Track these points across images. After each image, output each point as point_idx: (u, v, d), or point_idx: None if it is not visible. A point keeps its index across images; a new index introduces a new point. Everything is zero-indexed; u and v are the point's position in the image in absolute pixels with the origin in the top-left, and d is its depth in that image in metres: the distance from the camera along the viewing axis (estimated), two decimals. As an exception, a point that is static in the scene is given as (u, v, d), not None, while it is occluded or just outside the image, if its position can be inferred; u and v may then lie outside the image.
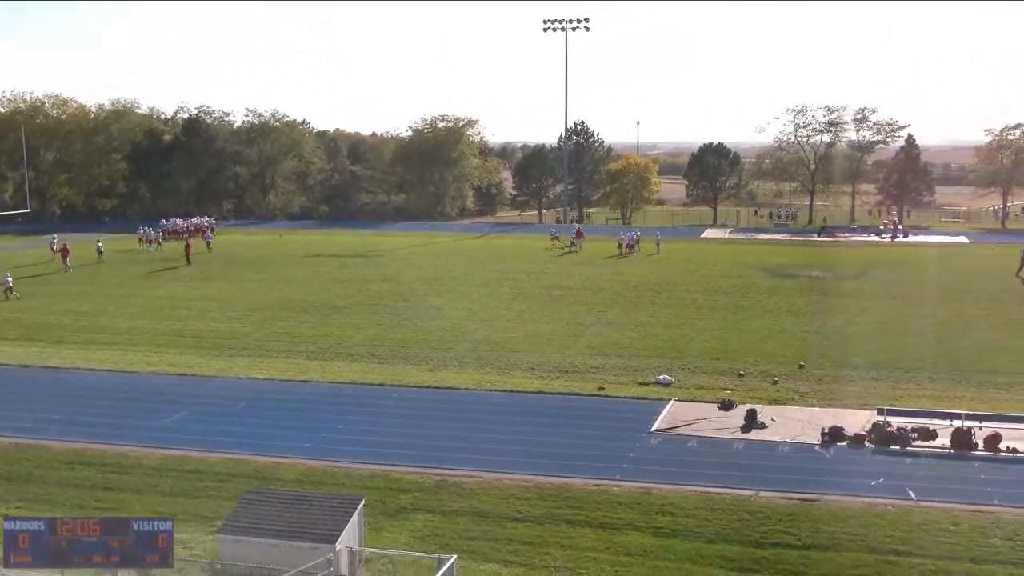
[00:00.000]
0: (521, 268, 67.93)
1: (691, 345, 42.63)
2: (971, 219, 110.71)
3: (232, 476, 26.67)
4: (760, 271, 65.22)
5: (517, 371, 38.30)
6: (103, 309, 52.72)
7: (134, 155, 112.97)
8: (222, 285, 61.02)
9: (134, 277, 65.20)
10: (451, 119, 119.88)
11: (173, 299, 55.67)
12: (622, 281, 61.16)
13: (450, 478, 26.27)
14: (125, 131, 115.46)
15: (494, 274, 64.82)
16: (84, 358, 40.97)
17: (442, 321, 48.22)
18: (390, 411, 32.87)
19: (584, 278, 62.69)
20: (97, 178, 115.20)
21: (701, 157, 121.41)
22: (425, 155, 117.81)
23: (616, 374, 37.54)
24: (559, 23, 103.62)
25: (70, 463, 27.99)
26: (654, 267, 67.70)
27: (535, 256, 75.71)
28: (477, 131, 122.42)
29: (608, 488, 25.46)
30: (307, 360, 40.65)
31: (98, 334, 46.40)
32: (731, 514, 23.74)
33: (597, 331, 45.81)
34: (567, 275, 64.35)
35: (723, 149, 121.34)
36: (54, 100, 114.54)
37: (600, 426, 30.80)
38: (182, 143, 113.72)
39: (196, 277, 64.52)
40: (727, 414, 31.61)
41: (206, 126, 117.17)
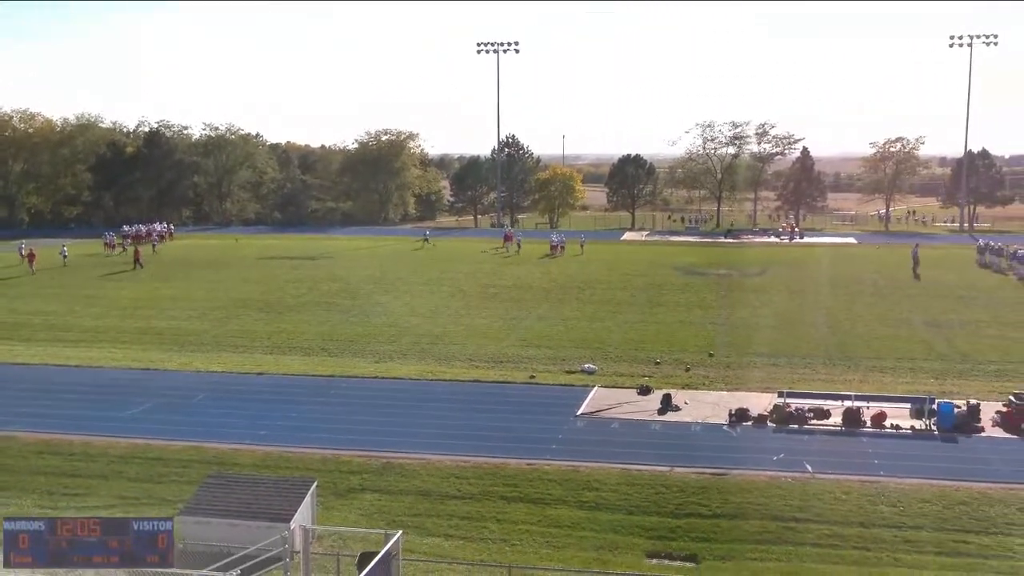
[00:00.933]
0: (459, 268, 67.80)
1: (612, 337, 42.92)
2: (858, 222, 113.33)
3: (193, 462, 26.24)
4: (673, 270, 65.88)
5: (456, 362, 38.25)
6: (70, 309, 51.45)
7: (98, 166, 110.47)
8: (182, 286, 59.93)
9: (99, 279, 63.76)
10: (393, 133, 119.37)
11: (136, 299, 54.51)
12: (551, 280, 61.36)
13: (395, 460, 26.15)
14: (90, 144, 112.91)
15: (435, 274, 64.60)
16: (52, 355, 39.94)
17: (387, 317, 47.93)
18: (340, 400, 32.60)
19: (516, 277, 62.78)
20: (63, 187, 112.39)
21: (621, 167, 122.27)
22: (370, 165, 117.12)
23: (545, 364, 37.66)
24: (491, 46, 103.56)
25: (39, 452, 27.29)
26: (579, 267, 68.03)
27: (471, 257, 75.63)
28: (417, 144, 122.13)
29: (540, 467, 25.54)
30: (262, 354, 40.12)
31: (65, 332, 45.28)
32: (649, 488, 23.98)
33: (528, 325, 45.91)
34: (501, 275, 64.38)
35: (640, 160, 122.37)
36: (21, 115, 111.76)
37: (532, 411, 30.89)
38: (143, 155, 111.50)
39: (158, 278, 63.26)
40: (645, 398, 31.89)
41: (166, 139, 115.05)
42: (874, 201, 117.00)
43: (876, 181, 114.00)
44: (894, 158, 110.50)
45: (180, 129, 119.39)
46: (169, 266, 70.40)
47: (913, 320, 46.20)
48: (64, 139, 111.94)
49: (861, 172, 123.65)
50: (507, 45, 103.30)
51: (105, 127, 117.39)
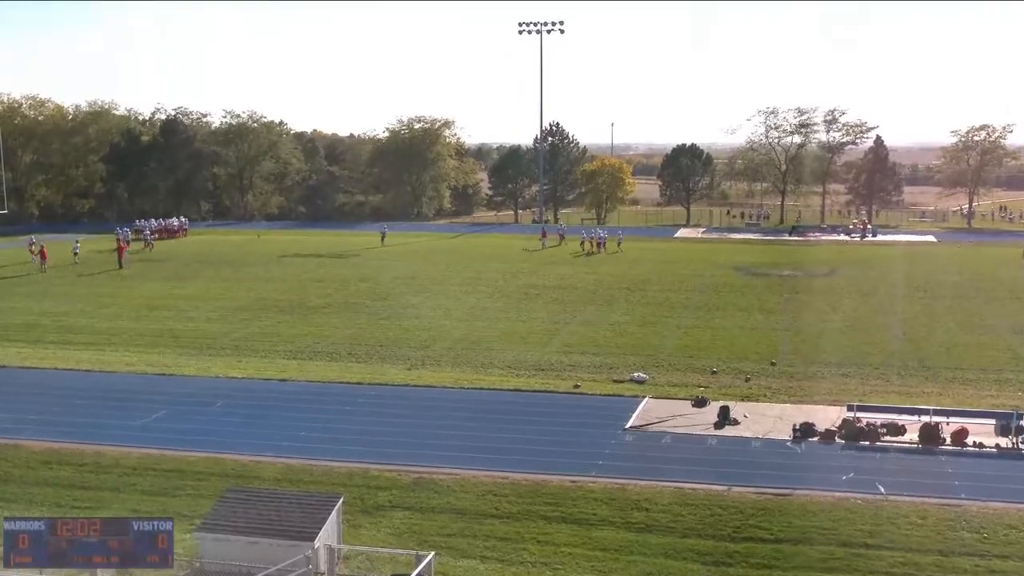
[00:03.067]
0: (497, 268, 67.93)
1: (665, 343, 42.72)
2: (938, 219, 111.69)
3: (211, 475, 26.50)
4: (733, 270, 65.48)
5: (494, 369, 38.28)
6: (81, 310, 52.27)
7: (112, 156, 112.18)
8: (201, 285, 60.65)
9: (112, 278, 64.69)
10: (427, 120, 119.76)
11: (152, 299, 55.26)
12: (597, 280, 61.25)
13: (427, 476, 26.21)
14: (103, 132, 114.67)
15: (471, 274, 64.78)
16: (62, 358, 40.59)
17: (419, 320, 48.12)
18: (368, 409, 32.75)
19: (560, 277, 62.76)
20: (75, 179, 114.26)
21: (674, 158, 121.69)
22: (402, 156, 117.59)
23: (591, 372, 37.56)
24: (534, 25, 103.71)
25: (47, 462, 27.72)
26: (628, 266, 67.85)
27: (511, 256, 75.71)
28: (453, 132, 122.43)
29: (584, 484, 25.46)
30: (285, 359, 40.45)
31: (76, 334, 46.00)
32: (704, 509, 23.81)
33: (572, 329, 45.83)
34: (542, 274, 64.39)
35: (696, 150, 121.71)
36: (31, 101, 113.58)
37: (576, 423, 30.81)
38: (160, 144, 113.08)
39: (175, 277, 64.08)
40: (700, 411, 31.67)
41: (184, 127, 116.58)
42: (955, 195, 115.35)
43: (958, 173, 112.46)
44: (978, 148, 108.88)
45: (199, 116, 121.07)
46: (187, 264, 71.28)
47: (999, 327, 45.46)
48: (76, 127, 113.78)
49: (941, 163, 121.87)
50: (551, 25, 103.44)
51: (119, 114, 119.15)
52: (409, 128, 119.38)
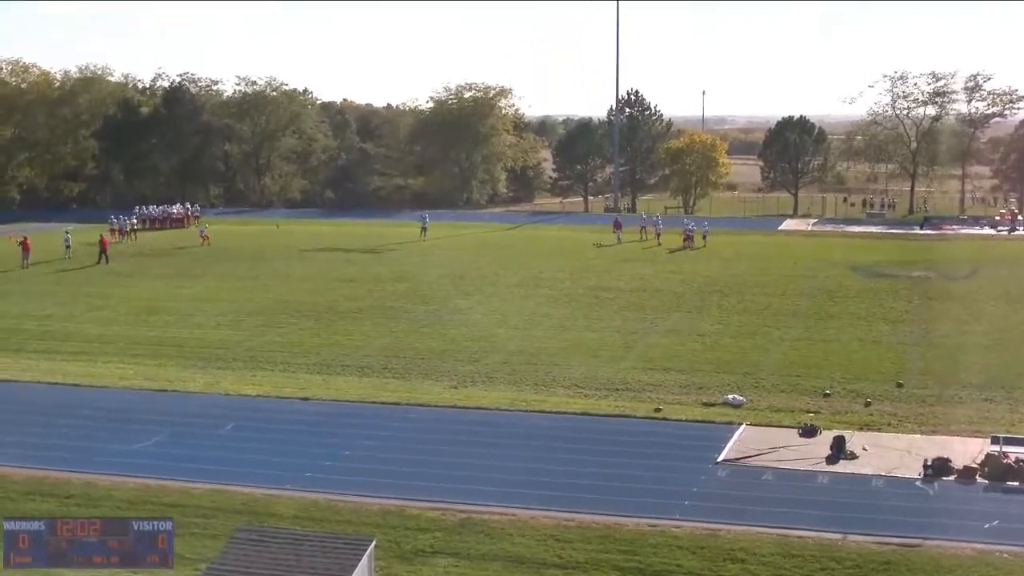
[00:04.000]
0: (563, 265, 67.95)
1: (767, 358, 42.42)
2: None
3: (219, 511, 26.78)
4: (850, 270, 64.84)
5: (557, 388, 38.26)
6: (69, 313, 53.25)
7: (106, 130, 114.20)
8: (209, 284, 61.47)
9: (106, 275, 65.80)
10: (480, 88, 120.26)
11: (152, 301, 56.12)
12: (683, 281, 61.00)
13: (477, 515, 26.24)
14: (95, 102, 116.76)
15: (530, 272, 64.85)
16: (46, 370, 41.33)
17: (468, 328, 48.27)
18: (406, 435, 32.90)
19: (637, 278, 62.59)
20: (63, 157, 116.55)
21: (779, 133, 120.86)
22: (449, 131, 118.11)
23: (676, 393, 37.39)
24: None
25: (29, 494, 28.20)
26: (722, 265, 67.49)
27: (580, 252, 75.64)
28: (511, 102, 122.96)
29: (666, 529, 25.33)
30: (308, 374, 40.81)
31: (63, 342, 46.84)
32: (814, 562, 23.57)
33: (653, 341, 45.68)
34: (617, 274, 64.27)
35: (806, 124, 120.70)
36: (12, 67, 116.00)
37: (657, 455, 30.68)
38: (162, 116, 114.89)
39: (179, 275, 65.03)
40: (809, 441, 31.38)
41: (190, 96, 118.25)
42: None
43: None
44: None
45: (208, 84, 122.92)
46: (193, 259, 72.28)
47: None
48: (64, 97, 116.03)
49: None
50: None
51: (115, 81, 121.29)
52: (458, 97, 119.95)
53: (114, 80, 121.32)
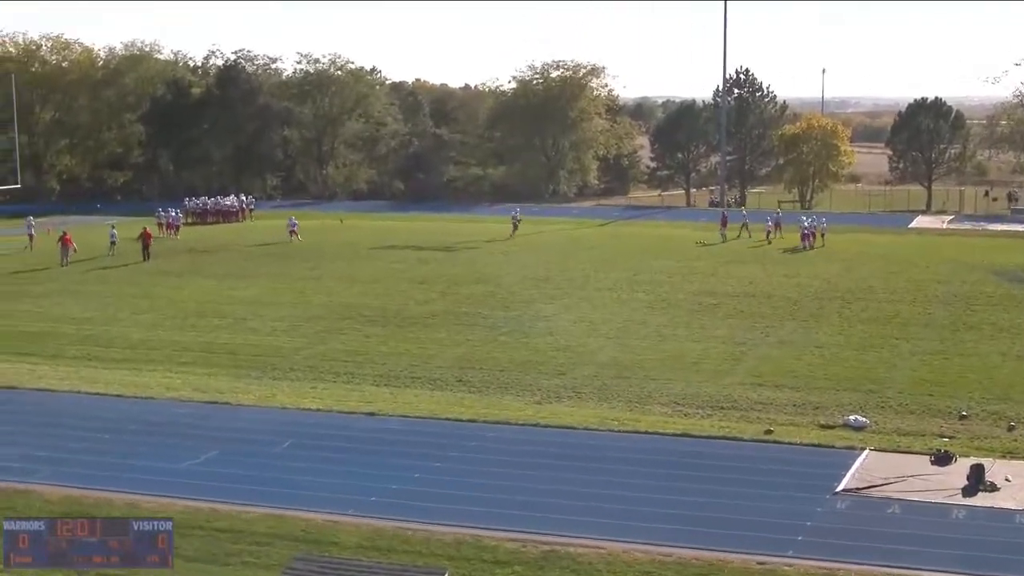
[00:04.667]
0: (661, 267, 67.77)
1: (894, 374, 41.93)
2: None
3: (275, 538, 27.06)
4: (992, 274, 63.93)
5: (654, 406, 38.14)
6: (112, 315, 54.22)
7: (154, 114, 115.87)
8: (265, 285, 62.18)
9: (151, 274, 66.87)
10: (569, 66, 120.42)
11: (202, 302, 56.95)
12: (798, 286, 60.50)
13: (562, 548, 26.23)
14: (142, 83, 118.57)
15: (625, 274, 64.76)
16: (87, 378, 42.11)
17: (553, 337, 48.31)
18: (483, 456, 32.99)
19: (747, 281, 62.20)
20: (106, 144, 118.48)
21: (910, 118, 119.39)
22: (534, 114, 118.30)
23: (789, 412, 37.10)
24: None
25: (67, 515, 28.72)
26: (844, 267, 66.85)
27: (681, 251, 75.34)
28: (604, 82, 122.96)
29: (776, 567, 25.12)
30: (374, 386, 41.12)
31: (105, 348, 47.71)
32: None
33: (764, 353, 45.37)
34: (723, 277, 63.93)
35: (941, 107, 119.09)
36: (54, 43, 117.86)
37: (767, 482, 30.45)
38: (215, 98, 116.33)
39: (232, 274, 65.89)
40: (943, 470, 30.96)
41: (246, 76, 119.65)
42: None
43: None
44: None
45: (266, 63, 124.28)
46: (247, 257, 73.16)
47: None
48: (109, 77, 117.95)
49: None
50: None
51: (163, 59, 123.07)
52: (544, 77, 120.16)
53: (163, 58, 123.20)
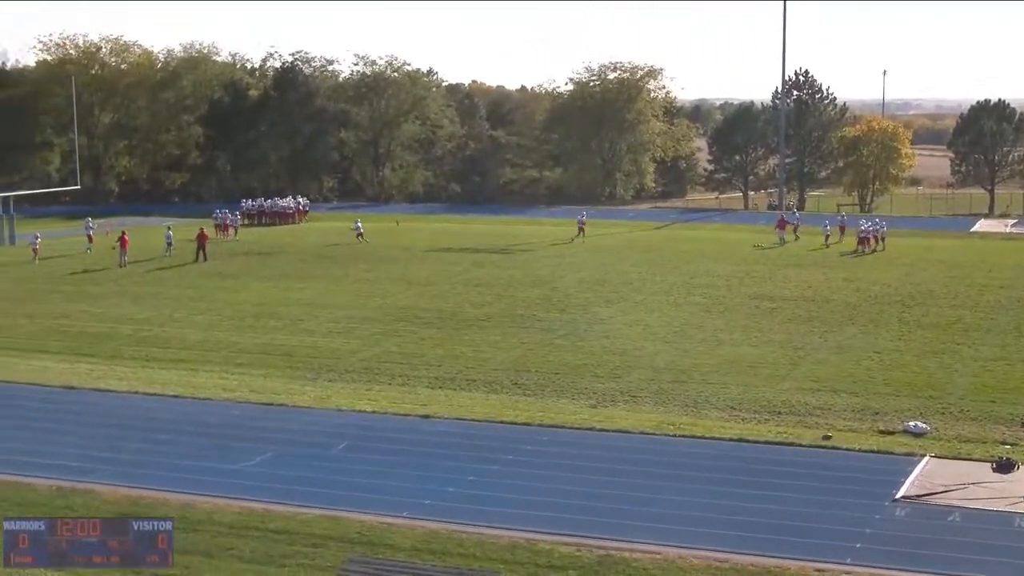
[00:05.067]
0: (718, 270, 67.52)
1: (956, 380, 41.55)
2: None
3: (329, 539, 27.20)
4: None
5: (711, 410, 38.03)
6: (169, 316, 54.75)
7: (212, 116, 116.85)
8: (321, 287, 62.55)
9: (207, 275, 67.43)
10: (626, 68, 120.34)
11: (259, 304, 57.37)
12: (858, 290, 60.11)
13: (617, 553, 26.20)
14: (201, 85, 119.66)
15: (681, 278, 64.60)
16: (144, 379, 42.57)
17: (609, 340, 48.26)
18: (538, 459, 33.02)
19: (805, 285, 61.86)
20: (165, 146, 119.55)
21: (973, 120, 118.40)
22: (591, 117, 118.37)
23: (848, 418, 36.87)
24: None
25: (123, 516, 29.03)
26: (904, 272, 66.32)
27: (738, 254, 75.03)
28: (661, 84, 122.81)
29: (835, 574, 24.98)
30: (429, 388, 41.25)
31: (162, 348, 48.19)
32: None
33: (822, 358, 45.09)
34: (781, 280, 63.61)
35: (1005, 109, 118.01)
36: (113, 45, 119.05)
37: (825, 489, 30.26)
38: (273, 101, 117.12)
39: (288, 276, 66.33)
40: (1006, 478, 30.68)
41: (304, 78, 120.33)
42: None
43: None
44: None
45: (323, 64, 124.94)
46: (303, 259, 73.63)
47: None
48: (167, 79, 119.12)
49: None
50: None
51: (221, 62, 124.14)
52: (601, 79, 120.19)
53: (221, 60, 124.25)
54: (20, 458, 33.04)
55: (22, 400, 40.01)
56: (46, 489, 30.75)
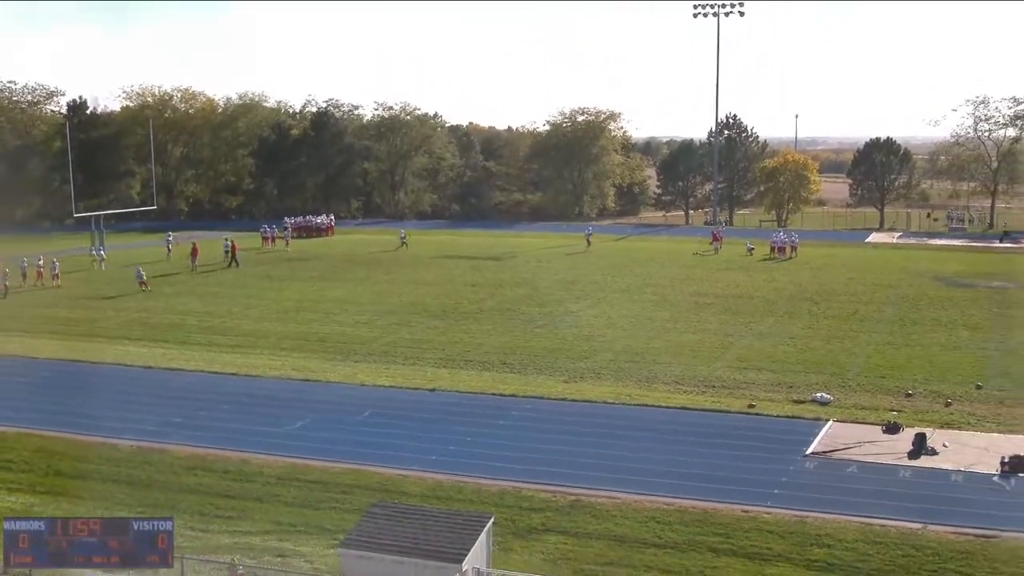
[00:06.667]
0: (665, 273, 67.53)
1: (853, 360, 41.60)
2: None
3: (356, 488, 27.24)
4: (933, 280, 63.25)
5: (659, 384, 38.06)
6: (227, 310, 54.63)
7: (261, 150, 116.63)
8: (350, 287, 62.48)
9: (258, 277, 67.32)
10: (592, 112, 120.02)
11: (299, 301, 57.28)
12: (776, 289, 60.15)
13: (585, 498, 26.25)
14: (252, 125, 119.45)
15: (636, 279, 64.60)
16: (208, 360, 42.52)
17: (579, 329, 48.27)
18: (522, 424, 33.05)
19: (735, 284, 61.90)
20: (224, 174, 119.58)
21: (867, 154, 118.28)
22: (563, 151, 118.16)
23: (768, 390, 36.92)
24: (710, 7, 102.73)
25: (192, 468, 29.06)
26: (813, 274, 66.36)
27: (680, 260, 75.09)
28: (620, 125, 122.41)
29: (758, 515, 25.03)
30: (435, 367, 41.24)
31: (222, 336, 48.10)
32: (895, 549, 23.06)
33: (747, 343, 45.14)
34: (715, 281, 63.63)
35: (892, 145, 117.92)
36: (183, 94, 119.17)
37: (750, 447, 30.33)
38: (310, 138, 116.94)
39: (323, 278, 66.26)
40: (892, 438, 30.75)
41: (335, 120, 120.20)
42: None
43: None
44: None
45: (350, 109, 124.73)
46: (334, 265, 73.54)
47: None
48: (225, 121, 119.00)
49: None
50: (729, 7, 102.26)
51: (269, 107, 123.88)
52: (571, 121, 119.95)
53: (269, 106, 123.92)
54: (110, 424, 33.07)
55: (110, 377, 39.97)
56: (128, 448, 30.77)
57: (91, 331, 49.66)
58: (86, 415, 34.19)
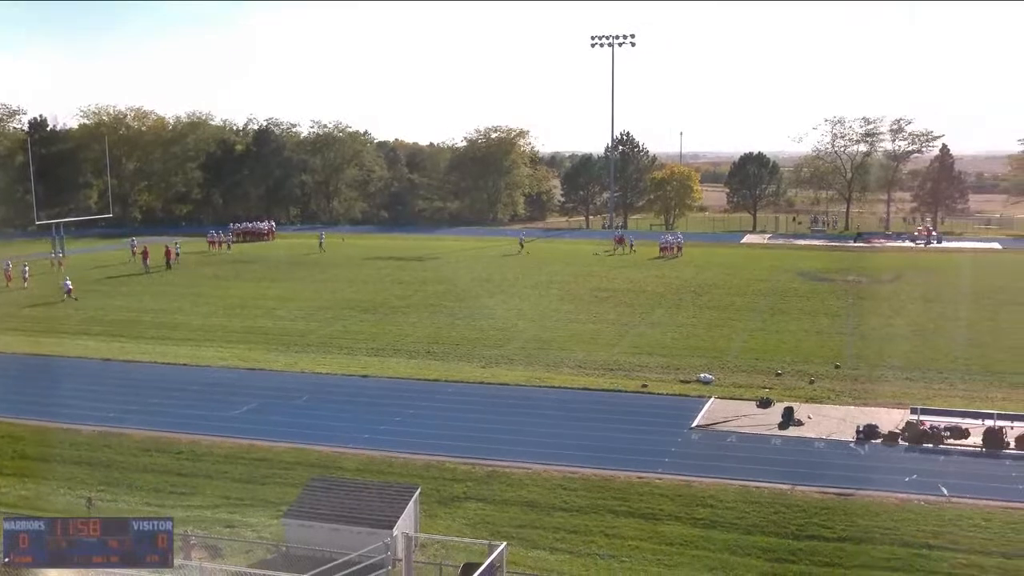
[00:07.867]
0: (568, 271, 67.87)
1: (731, 345, 42.27)
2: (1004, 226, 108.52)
3: (297, 464, 26.94)
4: (798, 275, 64.51)
5: (564, 368, 38.26)
6: (177, 307, 53.51)
7: (208, 164, 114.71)
8: (289, 286, 61.64)
9: (207, 278, 66.10)
10: (503, 130, 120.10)
11: (243, 299, 56.33)
12: (665, 284, 60.83)
13: (501, 469, 26.31)
14: (200, 141, 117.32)
15: (543, 276, 64.80)
16: (160, 353, 41.62)
17: (494, 321, 48.29)
18: (445, 405, 32.98)
19: (629, 281, 62.45)
20: (174, 185, 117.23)
21: (741, 166, 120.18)
22: (479, 164, 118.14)
23: (659, 372, 37.35)
24: (606, 39, 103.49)
25: (147, 450, 28.46)
26: (696, 271, 67.24)
27: (582, 260, 75.56)
28: (528, 141, 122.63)
29: (651, 480, 25.34)
30: (367, 356, 40.92)
31: (173, 331, 47.09)
32: (768, 507, 23.52)
33: (641, 331, 45.60)
34: (613, 278, 64.12)
35: (763, 158, 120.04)
36: (135, 113, 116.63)
37: (643, 422, 30.67)
38: (252, 152, 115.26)
39: (265, 278, 65.27)
40: (765, 411, 31.31)
41: (275, 136, 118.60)
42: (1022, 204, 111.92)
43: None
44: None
45: (289, 127, 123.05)
46: (275, 266, 72.51)
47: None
48: (176, 137, 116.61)
49: (1009, 172, 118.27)
50: (622, 38, 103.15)
51: (215, 125, 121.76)
52: (486, 137, 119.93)
53: (215, 124, 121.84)
54: (71, 411, 32.21)
55: (72, 369, 38.92)
56: (89, 433, 30.02)
57: (52, 328, 48.24)
58: (50, 404, 33.27)
